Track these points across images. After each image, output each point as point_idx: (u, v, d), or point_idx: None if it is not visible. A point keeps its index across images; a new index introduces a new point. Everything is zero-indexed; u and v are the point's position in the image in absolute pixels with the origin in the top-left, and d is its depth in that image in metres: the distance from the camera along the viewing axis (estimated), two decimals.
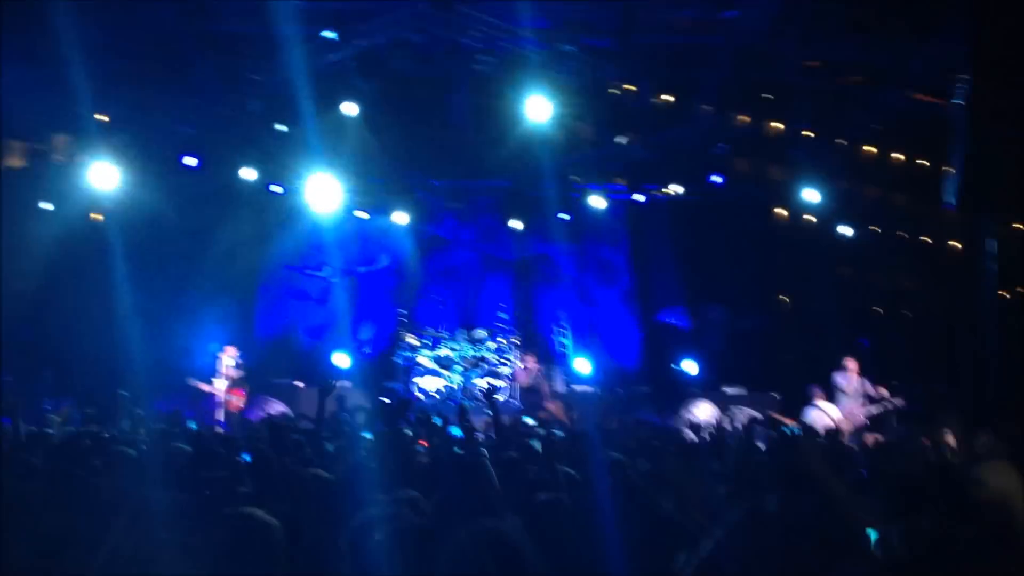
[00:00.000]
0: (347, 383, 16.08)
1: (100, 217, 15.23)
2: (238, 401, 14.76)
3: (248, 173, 16.21)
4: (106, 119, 14.44)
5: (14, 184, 14.89)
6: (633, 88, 15.08)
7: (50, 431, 9.98)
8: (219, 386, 14.68)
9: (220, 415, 14.36)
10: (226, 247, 16.65)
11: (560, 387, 16.55)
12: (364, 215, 17.72)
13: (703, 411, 15.24)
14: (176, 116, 15.20)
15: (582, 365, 17.55)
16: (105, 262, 14.11)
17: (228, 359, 14.84)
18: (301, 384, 16.05)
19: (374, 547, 3.57)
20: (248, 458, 6.41)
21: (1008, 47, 12.66)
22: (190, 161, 15.88)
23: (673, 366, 17.10)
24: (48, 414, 12.14)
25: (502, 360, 16.61)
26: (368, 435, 7.62)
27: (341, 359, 17.19)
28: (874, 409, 13.59)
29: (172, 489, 5.10)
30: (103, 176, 13.90)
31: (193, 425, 10.86)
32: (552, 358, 17.99)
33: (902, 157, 17.56)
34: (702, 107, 15.85)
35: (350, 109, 14.55)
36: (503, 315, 18.23)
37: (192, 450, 6.80)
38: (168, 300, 16.30)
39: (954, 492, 4.70)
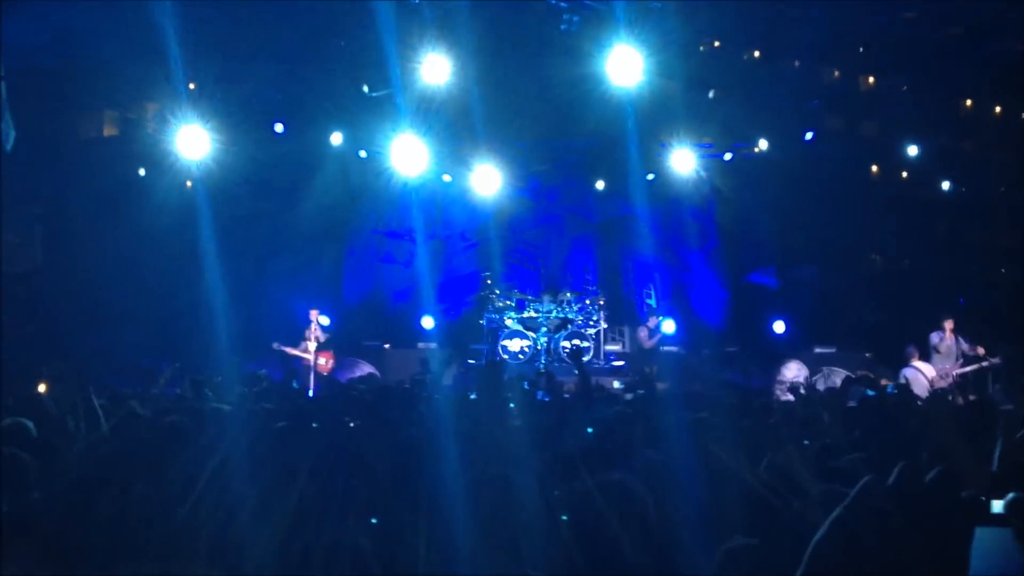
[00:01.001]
0: (432, 345, 16.28)
1: (190, 184, 15.54)
2: (326, 364, 15.02)
3: (335, 138, 16.36)
4: (194, 87, 14.69)
5: (110, 152, 15.31)
6: (720, 44, 14.82)
7: (154, 391, 10.38)
8: (308, 349, 14.95)
9: (310, 378, 14.62)
10: (314, 212, 16.87)
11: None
12: (449, 178, 17.75)
13: (792, 371, 15.04)
14: (263, 82, 15.37)
15: (668, 326, 17.44)
16: (197, 228, 14.42)
17: (315, 323, 15.12)
18: (388, 346, 16.25)
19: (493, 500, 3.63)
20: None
21: None
22: (278, 127, 16.07)
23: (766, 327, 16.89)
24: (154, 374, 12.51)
25: (589, 322, 16.58)
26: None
27: (428, 322, 17.35)
28: (969, 368, 13.26)
29: (259, 446, 5.21)
30: (193, 143, 14.15)
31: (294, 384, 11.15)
32: (638, 318, 17.93)
33: (1000, 110, 17.02)
34: (793, 62, 15.54)
35: (436, 71, 14.51)
36: (589, 276, 18.18)
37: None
38: (258, 265, 16.61)
39: None
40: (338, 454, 4.97)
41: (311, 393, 13.10)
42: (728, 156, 17.15)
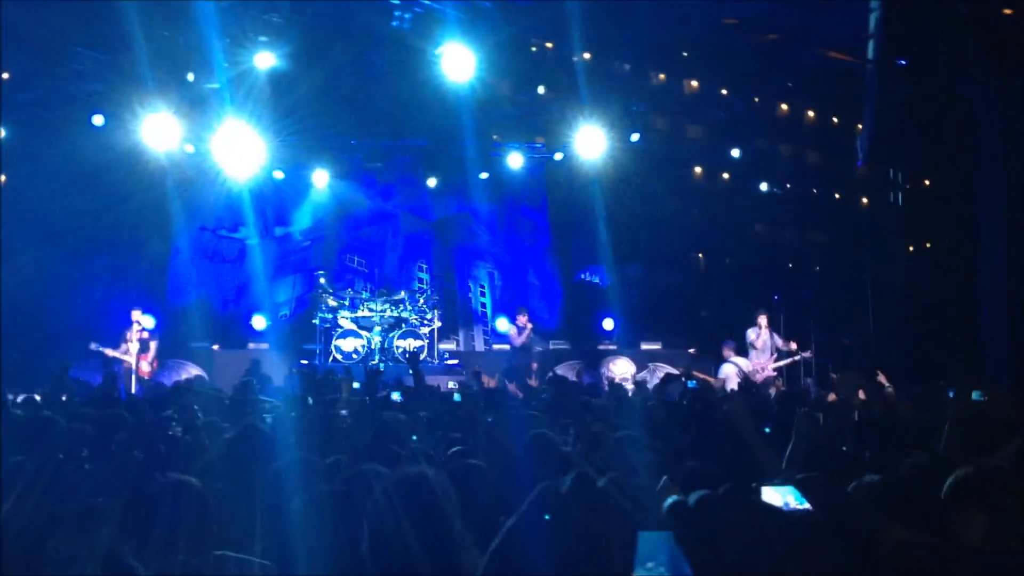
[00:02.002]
0: (264, 346, 15.93)
1: (3, 179, 14.69)
2: (148, 366, 14.46)
3: (158, 131, 15.77)
4: (6, 77, 13.92)
5: None
6: (551, 45, 15.04)
7: None
8: (129, 351, 14.34)
9: (132, 381, 14.04)
10: (136, 208, 16.22)
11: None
12: (281, 175, 17.39)
13: (621, 367, 15.45)
14: (82, 73, 14.65)
15: (502, 324, 17.66)
16: (11, 225, 13.68)
17: (136, 324, 14.49)
18: (217, 347, 15.80)
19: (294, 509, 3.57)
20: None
21: (916, 6, 12.96)
22: (97, 119, 15.36)
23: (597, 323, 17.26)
24: None
25: (423, 320, 16.56)
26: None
27: (259, 322, 16.96)
28: (783, 362, 13.92)
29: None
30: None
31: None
32: (472, 317, 18.07)
33: (814, 115, 17.95)
34: (622, 65, 15.91)
35: (266, 65, 14.19)
36: (423, 275, 18.17)
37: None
38: (77, 263, 15.86)
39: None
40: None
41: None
42: (559, 156, 17.45)
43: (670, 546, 2.07)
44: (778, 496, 2.79)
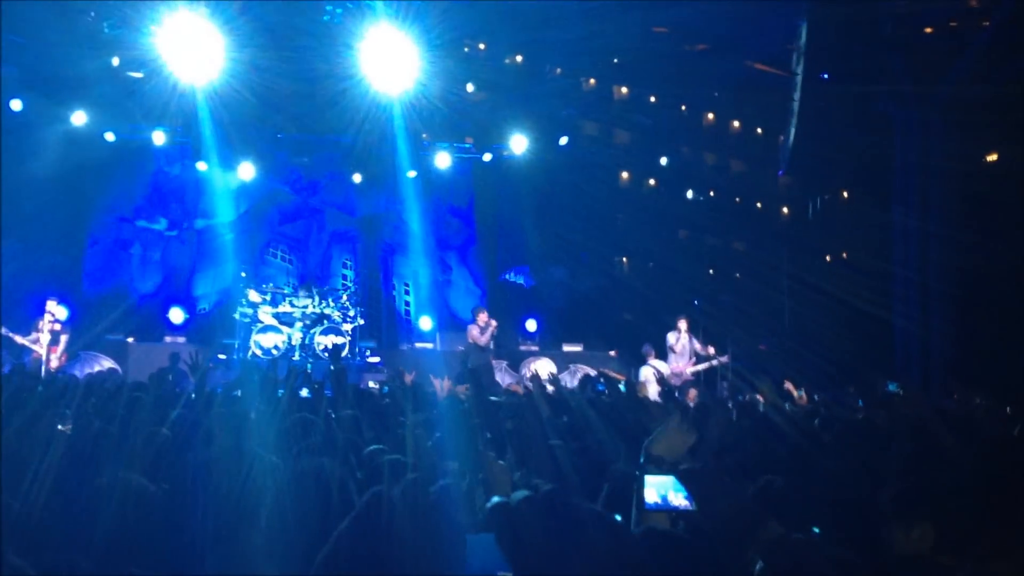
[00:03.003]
0: (181, 339, 15.67)
1: None
2: (56, 360, 13.99)
3: (79, 118, 15.43)
4: None
5: None
6: (483, 47, 15.05)
7: None
8: (39, 340, 13.89)
9: (40, 371, 13.63)
10: (52, 195, 15.87)
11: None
12: (204, 166, 17.10)
13: (543, 368, 15.49)
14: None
15: (425, 323, 17.63)
16: None
17: (49, 314, 14.02)
18: (132, 340, 15.46)
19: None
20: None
21: (839, 19, 13.27)
22: (15, 104, 14.98)
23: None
24: None
25: (346, 317, 16.41)
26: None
27: (176, 315, 16.66)
28: (701, 366, 14.09)
29: None
30: None
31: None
32: (395, 315, 18.01)
33: (739, 125, 18.26)
34: (554, 69, 16.00)
35: (196, 56, 13.87)
36: (347, 272, 18.03)
37: None
38: None
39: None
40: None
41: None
42: (487, 156, 17.50)
43: (493, 548, 2.10)
44: (659, 485, 2.82)
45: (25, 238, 15.80)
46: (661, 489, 2.81)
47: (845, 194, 16.79)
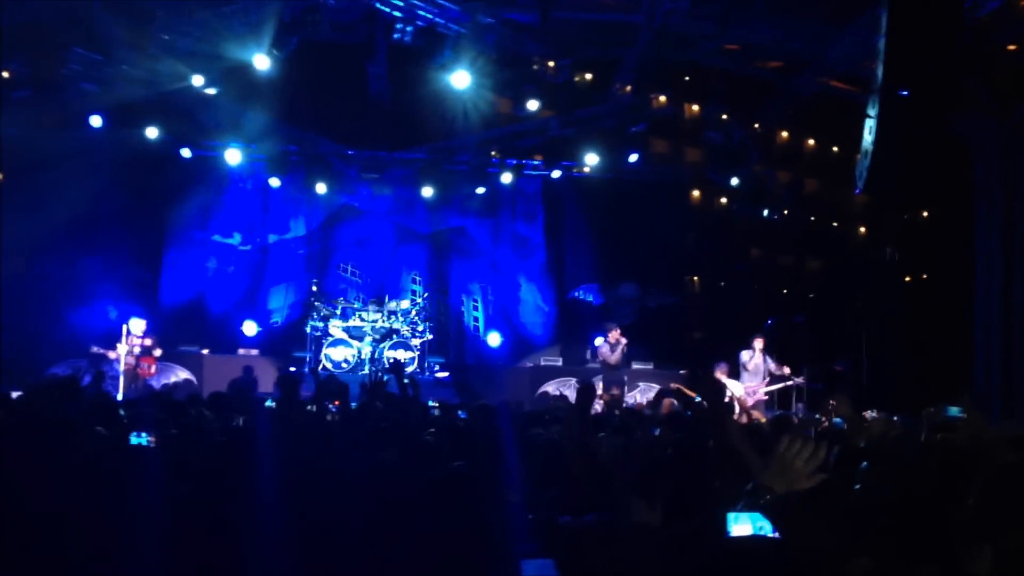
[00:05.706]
0: (254, 352, 15.89)
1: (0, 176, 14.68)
2: (148, 369, 14.19)
3: (153, 133, 15.76)
4: (6, 75, 13.93)
5: None
6: (552, 64, 15.04)
7: None
8: (123, 352, 14.12)
9: (121, 382, 13.87)
10: (130, 211, 16.28)
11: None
12: (277, 182, 17.38)
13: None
14: (79, 73, 14.63)
15: (493, 339, 17.62)
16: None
17: (135, 327, 14.25)
18: (207, 352, 15.72)
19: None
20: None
21: (918, 37, 12.96)
22: (95, 121, 15.38)
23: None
24: None
25: (414, 333, 16.48)
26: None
27: (250, 327, 16.91)
28: (774, 387, 13.86)
29: None
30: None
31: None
32: (464, 331, 18.03)
33: (813, 143, 17.95)
34: (621, 86, 15.91)
35: (264, 67, 14.06)
36: (416, 287, 18.12)
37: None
38: (67, 264, 15.89)
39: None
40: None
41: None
42: (556, 174, 17.51)
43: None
44: (748, 525, 2.64)
45: (105, 253, 16.22)
46: (743, 517, 2.67)
47: (925, 214, 16.40)
